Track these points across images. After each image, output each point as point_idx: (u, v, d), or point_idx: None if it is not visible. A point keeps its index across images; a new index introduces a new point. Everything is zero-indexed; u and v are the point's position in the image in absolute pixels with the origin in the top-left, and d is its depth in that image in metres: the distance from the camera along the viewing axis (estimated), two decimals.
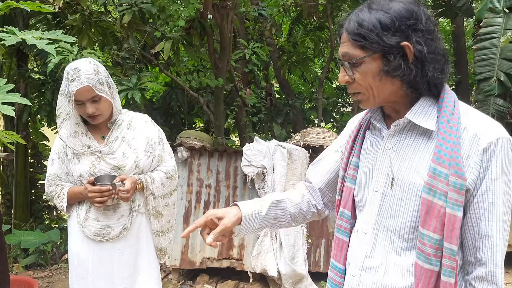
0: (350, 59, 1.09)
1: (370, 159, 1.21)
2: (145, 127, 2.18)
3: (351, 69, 1.10)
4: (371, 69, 1.08)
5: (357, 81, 1.11)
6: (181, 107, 5.84)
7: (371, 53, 1.06)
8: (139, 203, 2.12)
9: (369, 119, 1.26)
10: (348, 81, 1.13)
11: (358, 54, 1.07)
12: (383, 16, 1.04)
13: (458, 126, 1.06)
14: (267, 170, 3.38)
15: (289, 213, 1.34)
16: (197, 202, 3.62)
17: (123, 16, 4.19)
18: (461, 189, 1.01)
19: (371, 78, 1.09)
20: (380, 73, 1.07)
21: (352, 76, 1.11)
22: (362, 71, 1.09)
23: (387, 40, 1.03)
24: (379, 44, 1.04)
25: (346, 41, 1.10)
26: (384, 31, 1.04)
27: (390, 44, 1.04)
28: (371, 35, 1.04)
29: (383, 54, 1.05)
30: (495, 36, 4.54)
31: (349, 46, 1.09)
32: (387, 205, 1.14)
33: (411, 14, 1.05)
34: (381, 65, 1.06)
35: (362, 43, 1.06)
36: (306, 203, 1.37)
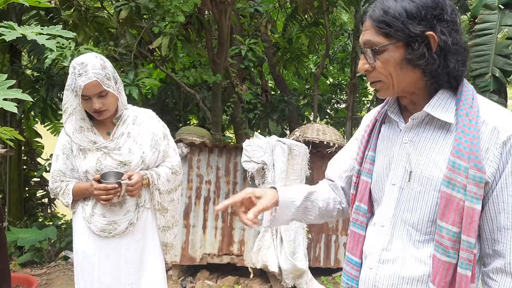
0: (373, 46, 1.09)
1: (386, 153, 1.21)
2: (150, 122, 2.17)
3: (373, 56, 1.10)
4: (393, 57, 1.08)
5: (377, 69, 1.11)
6: (176, 103, 5.81)
7: (395, 41, 1.06)
8: (145, 199, 2.12)
9: (384, 113, 1.26)
10: (368, 69, 1.13)
11: (381, 42, 1.08)
12: (409, 5, 1.04)
13: (477, 119, 1.06)
14: (267, 166, 3.38)
15: (318, 207, 1.34)
16: (197, 198, 3.61)
17: (120, 12, 4.14)
18: (480, 182, 1.02)
19: (392, 66, 1.09)
20: (402, 61, 1.07)
21: (373, 64, 1.11)
22: (384, 59, 1.09)
23: (412, 29, 1.04)
24: (404, 32, 1.04)
25: (369, 28, 1.10)
26: (410, 20, 1.04)
27: (415, 33, 1.04)
28: (396, 23, 1.04)
29: (407, 43, 1.06)
30: (490, 32, 4.58)
31: (372, 33, 1.09)
32: (404, 199, 1.14)
33: (437, 4, 1.05)
34: (404, 53, 1.07)
35: (386, 31, 1.06)
36: (333, 200, 1.38)
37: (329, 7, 5.69)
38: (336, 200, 1.39)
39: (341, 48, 8.06)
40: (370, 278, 1.20)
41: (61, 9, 4.74)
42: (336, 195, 1.40)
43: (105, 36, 4.80)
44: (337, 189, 1.41)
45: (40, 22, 5.05)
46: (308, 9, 5.97)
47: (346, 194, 1.40)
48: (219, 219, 3.58)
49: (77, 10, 4.50)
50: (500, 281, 1.06)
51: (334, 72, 8.31)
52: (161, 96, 5.67)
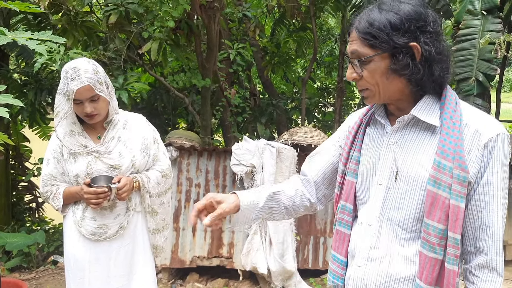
0: (359, 57, 1.14)
1: (372, 154, 1.26)
2: (140, 126, 2.20)
3: (360, 66, 1.15)
4: (379, 67, 1.13)
5: (364, 78, 1.16)
6: (165, 107, 5.82)
7: (380, 52, 1.11)
8: (136, 202, 2.14)
9: (370, 115, 1.32)
10: (355, 78, 1.18)
11: (367, 53, 1.13)
12: (393, 17, 1.10)
13: (460, 122, 1.12)
14: (256, 169, 3.42)
15: (283, 205, 1.37)
16: (187, 202, 3.64)
17: (109, 16, 4.16)
18: (464, 182, 1.08)
19: (378, 76, 1.14)
20: (388, 71, 1.13)
21: (360, 73, 1.16)
22: (370, 69, 1.14)
23: (396, 40, 1.09)
24: (389, 43, 1.10)
25: (355, 39, 1.15)
26: (394, 31, 1.09)
27: (399, 44, 1.09)
28: (381, 35, 1.10)
29: (392, 54, 1.11)
30: (473, 37, 4.67)
31: (358, 44, 1.14)
32: (391, 198, 1.19)
33: (420, 16, 1.11)
34: (389, 63, 1.12)
35: (372, 42, 1.11)
36: (300, 197, 1.40)
37: (316, 12, 5.75)
38: (303, 197, 1.41)
39: (329, 52, 8.15)
40: (358, 276, 1.23)
41: (49, 13, 4.74)
42: (305, 191, 1.42)
43: (94, 41, 4.80)
44: (308, 184, 1.42)
45: (28, 26, 5.03)
46: (296, 14, 6.03)
47: (317, 189, 1.42)
48: None
49: (66, 14, 4.51)
50: (482, 277, 1.12)
51: (322, 76, 8.39)
52: (150, 100, 5.67)
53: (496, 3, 4.86)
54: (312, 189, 1.42)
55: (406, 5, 1.12)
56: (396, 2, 1.13)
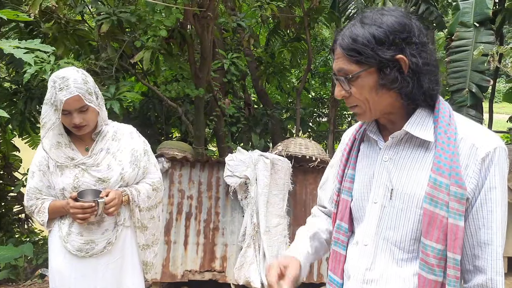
0: (346, 74, 1.10)
1: (366, 172, 1.22)
2: (130, 138, 2.14)
3: (348, 84, 1.11)
4: (367, 83, 1.09)
5: (353, 95, 1.12)
6: (158, 117, 5.77)
7: (366, 68, 1.08)
8: (125, 217, 2.07)
9: (363, 131, 1.28)
10: (344, 95, 1.14)
11: (353, 69, 1.09)
12: (377, 31, 1.06)
13: (456, 136, 1.08)
14: (250, 181, 3.36)
15: (324, 240, 1.38)
16: (179, 214, 3.56)
17: (101, 25, 4.11)
18: (462, 199, 1.03)
19: (367, 92, 1.10)
20: (376, 86, 1.09)
21: (349, 90, 1.12)
22: (358, 85, 1.10)
23: (382, 54, 1.05)
24: (375, 58, 1.06)
25: (340, 56, 1.11)
26: (379, 45, 1.06)
27: (385, 58, 1.06)
28: (366, 50, 1.06)
29: (378, 68, 1.07)
30: (466, 49, 4.71)
31: (344, 62, 1.10)
32: (386, 217, 1.15)
33: (404, 28, 1.07)
34: (377, 78, 1.08)
35: (357, 58, 1.07)
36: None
37: (310, 23, 5.77)
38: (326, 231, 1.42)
39: (323, 63, 8.17)
40: None
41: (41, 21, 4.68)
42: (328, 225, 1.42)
43: (86, 50, 4.75)
44: (327, 217, 1.44)
45: (20, 34, 4.96)
46: (290, 25, 6.06)
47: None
48: (200, 235, 3.54)
49: (57, 23, 4.45)
50: None
51: (316, 86, 8.41)
52: (142, 109, 5.62)
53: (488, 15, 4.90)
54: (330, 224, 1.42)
55: (389, 17, 1.08)
56: (378, 14, 1.09)
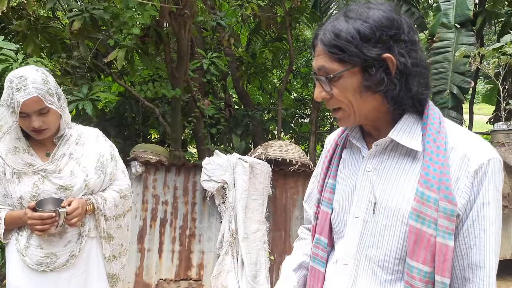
0: (327, 74, 1.00)
1: (348, 182, 1.11)
2: (96, 142, 2.00)
3: (329, 84, 1.00)
4: (350, 84, 0.99)
5: (335, 97, 1.02)
6: (135, 118, 5.60)
7: (350, 67, 0.97)
8: (89, 227, 1.94)
9: (346, 137, 1.17)
10: (325, 97, 1.03)
11: (335, 68, 0.98)
12: (362, 26, 0.96)
13: (446, 145, 0.98)
14: (228, 185, 3.24)
15: None
16: (153, 220, 3.41)
17: (73, 23, 3.94)
18: (452, 216, 0.93)
19: (351, 93, 0.99)
20: (360, 88, 0.98)
21: (330, 92, 1.01)
22: (341, 86, 0.99)
23: (367, 52, 0.95)
24: (359, 56, 0.95)
25: (321, 53, 1.00)
26: (364, 42, 0.95)
27: (371, 57, 0.95)
28: (349, 47, 0.95)
29: (363, 68, 0.97)
30: (448, 50, 4.70)
31: (325, 59, 0.99)
32: (369, 233, 1.04)
33: (393, 24, 0.97)
34: (362, 79, 0.98)
35: (340, 56, 0.97)
36: None
37: (292, 23, 5.70)
38: None
39: (305, 63, 8.10)
40: None
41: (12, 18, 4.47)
42: None
43: (58, 48, 4.55)
44: None
45: None
46: (272, 25, 5.97)
47: None
48: (176, 242, 3.40)
49: (27, 19, 4.25)
50: None
51: (298, 87, 8.34)
52: (119, 110, 5.45)
53: (469, 16, 4.90)
54: None
55: (376, 11, 0.98)
56: (364, 8, 0.99)
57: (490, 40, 9.69)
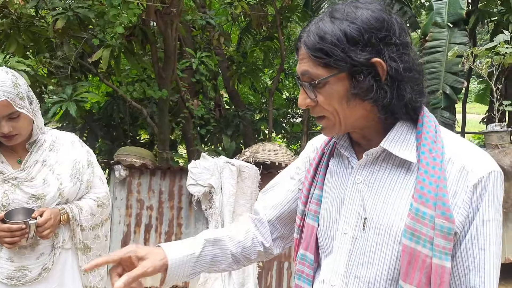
0: (311, 80, 0.91)
1: (336, 193, 1.03)
2: (72, 148, 1.91)
3: (313, 91, 0.92)
4: (337, 91, 0.90)
5: (320, 105, 0.93)
6: (123, 118, 5.50)
7: (336, 72, 0.89)
8: (64, 238, 1.85)
9: (333, 145, 1.08)
10: (309, 104, 0.95)
11: (320, 74, 0.90)
12: (349, 27, 0.87)
13: (442, 156, 0.89)
14: (215, 190, 3.16)
15: (230, 253, 1.13)
16: (137, 226, 3.32)
17: (57, 21, 3.83)
18: (449, 234, 0.85)
19: (337, 101, 0.91)
20: (347, 95, 0.90)
21: (315, 99, 0.93)
22: (326, 93, 0.91)
23: (354, 57, 0.87)
24: (346, 61, 0.87)
25: (305, 57, 0.92)
26: (351, 46, 0.87)
27: (359, 61, 0.87)
28: (335, 51, 0.87)
29: (350, 73, 0.89)
30: (440, 50, 4.65)
31: (309, 64, 0.91)
32: (358, 251, 0.96)
33: (383, 25, 0.88)
34: (349, 86, 0.90)
35: (325, 60, 0.89)
36: (251, 241, 1.16)
37: (283, 22, 5.63)
38: (255, 241, 1.17)
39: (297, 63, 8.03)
40: None
41: None
42: (258, 233, 1.18)
43: (41, 47, 4.44)
44: (261, 225, 1.19)
45: None
46: (262, 23, 5.89)
47: (274, 230, 1.19)
48: None
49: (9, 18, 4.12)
50: None
51: (290, 87, 8.28)
52: (107, 110, 5.35)
53: (462, 15, 4.85)
54: (266, 231, 1.18)
55: (365, 11, 0.89)
56: (351, 8, 0.90)
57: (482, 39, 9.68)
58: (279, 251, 1.23)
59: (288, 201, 1.17)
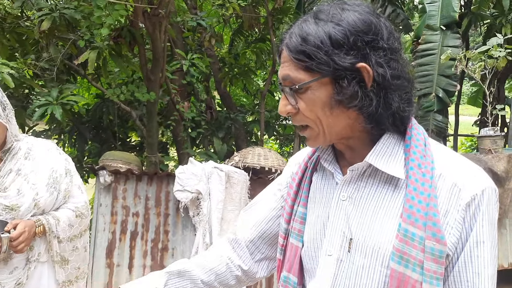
0: (293, 84, 0.85)
1: (321, 211, 0.96)
2: (48, 156, 1.84)
3: (295, 96, 0.86)
4: (319, 97, 0.84)
5: (302, 112, 0.87)
6: (113, 120, 5.41)
7: (318, 77, 0.83)
8: (39, 251, 1.78)
9: (317, 159, 1.01)
10: (290, 111, 0.88)
11: (302, 78, 0.84)
12: (334, 29, 0.81)
13: (432, 172, 0.83)
14: (203, 196, 3.08)
15: (201, 281, 1.07)
16: (123, 233, 3.23)
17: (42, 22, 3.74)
18: (440, 257, 0.78)
19: (319, 108, 0.85)
20: (331, 102, 0.84)
21: (296, 105, 0.86)
22: (308, 99, 0.85)
23: (339, 61, 0.81)
24: (329, 65, 0.81)
25: (287, 60, 0.86)
26: (335, 49, 0.81)
27: (343, 66, 0.81)
28: (318, 54, 0.81)
29: (334, 78, 0.82)
30: (433, 52, 4.60)
31: (291, 67, 0.85)
32: (344, 275, 0.89)
33: (370, 28, 0.82)
34: (332, 92, 0.83)
35: (307, 64, 0.82)
36: (225, 266, 1.09)
37: (275, 24, 5.56)
38: (231, 265, 1.10)
39: None
40: None
41: None
42: (234, 256, 1.11)
43: (28, 48, 4.34)
44: (239, 247, 1.12)
45: None
46: (254, 25, 5.83)
47: (255, 251, 1.12)
48: (147, 256, 3.22)
49: None
50: None
51: None
52: (96, 113, 5.26)
53: (455, 18, 4.81)
54: (244, 253, 1.11)
55: (351, 13, 0.83)
56: (337, 9, 0.84)
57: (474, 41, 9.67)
58: (265, 274, 1.15)
59: (269, 219, 1.10)
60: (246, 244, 1.11)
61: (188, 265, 1.07)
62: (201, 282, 1.06)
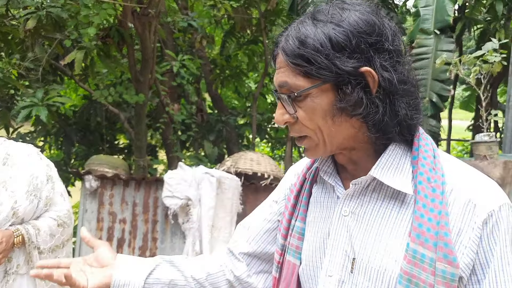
0: (291, 91, 0.77)
1: (321, 227, 0.88)
2: (28, 162, 1.75)
3: (293, 104, 0.78)
4: (320, 105, 0.77)
5: (301, 121, 0.79)
6: (101, 123, 5.30)
7: (319, 83, 0.75)
8: (18, 263, 1.70)
9: (316, 170, 0.93)
10: (288, 121, 0.80)
11: (301, 85, 0.76)
12: (334, 31, 0.74)
13: (443, 187, 0.76)
14: (193, 202, 2.99)
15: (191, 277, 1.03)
16: (109, 241, 3.13)
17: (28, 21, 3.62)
18: (452, 281, 0.71)
19: (320, 117, 0.77)
20: (332, 110, 0.77)
21: (294, 114, 0.79)
22: (307, 107, 0.77)
23: (341, 65, 0.74)
24: (330, 70, 0.74)
25: (283, 66, 0.78)
26: (337, 52, 0.74)
27: (346, 70, 0.74)
28: (318, 58, 0.74)
29: (336, 84, 0.75)
30: (427, 57, 4.56)
31: (288, 73, 0.77)
32: None
33: (373, 29, 0.75)
34: (334, 99, 0.76)
35: (306, 69, 0.75)
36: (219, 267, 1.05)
37: (267, 25, 5.50)
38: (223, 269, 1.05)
39: None
40: None
41: None
42: (228, 263, 1.06)
43: (13, 48, 4.21)
44: (233, 256, 1.06)
45: None
46: (246, 27, 5.77)
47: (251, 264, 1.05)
48: None
49: None
50: None
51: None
52: (83, 114, 5.14)
53: (449, 22, 4.78)
54: (237, 263, 1.04)
55: (352, 13, 0.76)
56: (337, 9, 0.77)
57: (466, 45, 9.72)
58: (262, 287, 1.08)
59: (264, 231, 1.02)
60: (242, 256, 1.04)
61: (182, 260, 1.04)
62: (191, 277, 1.01)
